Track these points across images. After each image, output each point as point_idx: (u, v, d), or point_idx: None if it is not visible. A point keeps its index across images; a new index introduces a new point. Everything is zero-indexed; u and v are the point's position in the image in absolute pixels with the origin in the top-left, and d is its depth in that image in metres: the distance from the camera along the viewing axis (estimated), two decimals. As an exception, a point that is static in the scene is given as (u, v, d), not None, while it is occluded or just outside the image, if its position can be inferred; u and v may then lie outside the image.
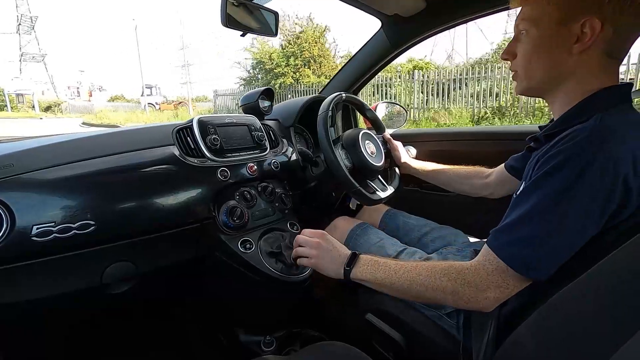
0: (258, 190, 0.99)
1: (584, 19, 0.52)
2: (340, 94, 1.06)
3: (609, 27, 0.52)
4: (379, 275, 0.65)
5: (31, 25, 32.80)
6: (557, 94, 0.61)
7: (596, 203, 0.48)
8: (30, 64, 35.28)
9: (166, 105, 23.59)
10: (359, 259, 0.69)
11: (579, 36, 0.54)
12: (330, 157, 0.93)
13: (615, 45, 0.54)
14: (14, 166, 0.65)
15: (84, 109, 24.19)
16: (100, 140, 0.82)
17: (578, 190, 0.48)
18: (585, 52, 0.54)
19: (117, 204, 0.72)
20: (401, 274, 0.63)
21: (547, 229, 0.50)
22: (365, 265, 0.68)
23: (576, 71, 0.57)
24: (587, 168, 0.48)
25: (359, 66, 1.40)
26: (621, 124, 0.51)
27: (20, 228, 0.61)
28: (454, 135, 1.44)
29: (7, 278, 0.63)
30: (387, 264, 0.66)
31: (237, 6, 0.98)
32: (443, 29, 1.19)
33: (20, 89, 30.93)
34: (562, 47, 0.56)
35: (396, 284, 0.63)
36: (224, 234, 0.87)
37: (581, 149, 0.49)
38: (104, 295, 0.75)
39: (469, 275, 0.56)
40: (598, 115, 0.52)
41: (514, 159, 0.87)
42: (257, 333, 0.99)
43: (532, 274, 0.52)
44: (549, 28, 0.56)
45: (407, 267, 0.63)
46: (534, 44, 0.59)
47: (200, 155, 0.88)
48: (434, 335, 0.73)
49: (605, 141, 0.49)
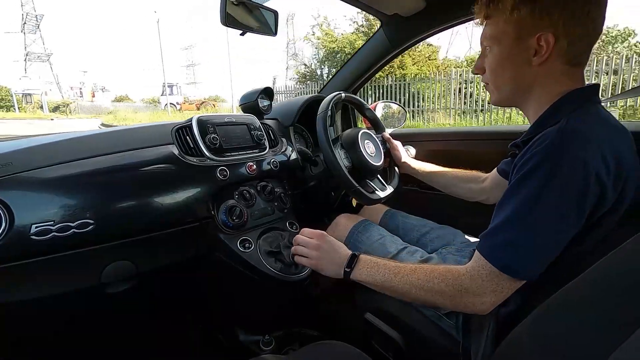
0: (257, 190, 0.99)
1: (538, 34, 0.56)
2: (340, 93, 1.06)
3: (562, 39, 0.56)
4: (378, 278, 0.66)
5: (36, 24, 32.31)
6: (528, 103, 0.64)
7: (570, 203, 0.51)
8: (35, 64, 34.74)
9: (187, 106, 22.77)
10: (359, 261, 0.70)
11: (536, 49, 0.58)
12: (330, 156, 0.93)
13: (573, 53, 0.57)
14: (12, 165, 0.65)
15: (93, 109, 23.62)
16: (100, 138, 0.82)
17: (550, 193, 0.51)
18: (544, 63, 0.58)
19: (116, 202, 0.72)
20: (400, 277, 0.64)
21: (526, 233, 0.53)
22: (365, 267, 0.69)
23: (540, 81, 0.61)
24: (557, 170, 0.51)
25: (359, 66, 1.40)
26: (587, 124, 0.53)
27: (19, 227, 0.61)
28: (453, 135, 1.44)
29: (6, 277, 0.63)
30: (387, 266, 0.67)
31: (237, 5, 0.97)
32: (443, 28, 1.19)
33: (29, 88, 30.30)
34: (523, 61, 0.60)
35: (395, 287, 0.64)
36: (223, 233, 0.87)
37: (550, 152, 0.52)
38: (103, 294, 0.75)
39: (466, 281, 0.57)
40: (565, 118, 0.55)
41: (504, 163, 0.89)
42: (256, 332, 0.99)
43: (522, 275, 0.54)
44: (508, 44, 0.61)
45: (406, 270, 0.64)
46: (497, 60, 0.63)
47: (200, 154, 0.88)
48: (433, 335, 0.73)
49: (571, 142, 0.51)
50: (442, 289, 0.59)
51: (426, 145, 1.41)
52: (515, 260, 0.54)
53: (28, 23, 31.91)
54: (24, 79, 32.24)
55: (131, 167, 0.76)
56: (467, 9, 1.02)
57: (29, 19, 31.84)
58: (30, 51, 33.80)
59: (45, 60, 34.51)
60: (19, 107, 27.56)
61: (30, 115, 21.98)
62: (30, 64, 34.29)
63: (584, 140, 0.51)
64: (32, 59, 34.18)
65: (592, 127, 0.53)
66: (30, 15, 31.65)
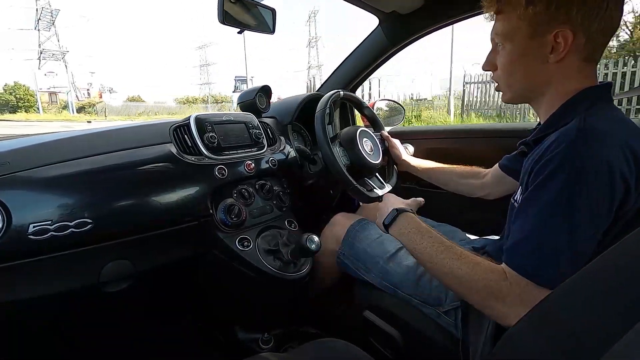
0: (256, 188, 0.98)
1: (556, 30, 0.54)
2: (338, 91, 1.06)
3: (580, 35, 0.54)
4: (419, 247, 0.64)
5: (51, 20, 30.30)
6: (540, 100, 0.62)
7: (601, 204, 0.49)
8: (50, 62, 32.59)
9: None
10: (404, 217, 0.70)
11: (553, 46, 0.55)
12: (328, 154, 0.93)
13: (590, 51, 0.56)
14: (9, 164, 0.65)
15: (123, 109, 21.91)
16: (98, 137, 0.82)
17: (580, 197, 0.49)
18: (561, 60, 0.56)
19: (114, 201, 0.72)
20: (444, 257, 0.61)
21: (559, 239, 0.50)
22: (407, 226, 0.69)
23: (555, 78, 0.58)
24: (581, 172, 0.49)
25: (357, 64, 1.40)
26: (604, 123, 0.52)
27: (16, 226, 0.61)
28: (451, 133, 1.45)
29: (4, 277, 0.63)
30: (433, 238, 0.64)
31: (234, 3, 0.97)
32: (441, 26, 1.19)
33: (55, 86, 28.19)
34: (538, 58, 0.58)
35: (435, 264, 0.61)
36: (222, 232, 0.87)
37: (570, 154, 0.50)
38: (101, 293, 0.74)
39: (504, 290, 0.53)
40: (581, 116, 0.53)
41: (507, 159, 0.89)
42: (255, 331, 0.99)
43: (554, 284, 0.50)
44: (523, 41, 0.58)
45: (452, 253, 0.61)
46: (511, 57, 0.61)
47: (198, 153, 0.87)
48: (432, 332, 0.73)
49: (593, 142, 0.50)
50: (479, 288, 0.55)
51: (424, 143, 1.41)
52: (551, 270, 0.50)
53: (43, 19, 29.81)
54: (50, 74, 30.34)
55: (129, 166, 0.76)
56: (466, 6, 1.02)
57: (44, 15, 29.67)
58: (44, 48, 31.45)
59: (60, 58, 32.28)
60: (42, 108, 25.37)
61: (56, 117, 20.07)
62: (44, 62, 32.25)
63: (605, 139, 0.50)
64: (46, 57, 31.97)
65: (611, 125, 0.52)
66: (45, 10, 29.49)
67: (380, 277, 0.83)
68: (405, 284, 0.79)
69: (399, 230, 0.70)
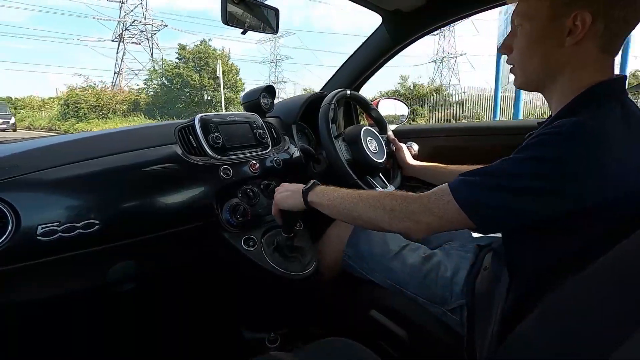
0: (260, 188, 0.99)
1: (575, 12, 0.53)
2: (345, 90, 1.06)
3: (600, 21, 0.53)
4: (331, 197, 0.72)
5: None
6: (553, 89, 0.62)
7: (570, 185, 0.50)
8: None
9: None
10: (316, 185, 0.77)
11: (571, 29, 0.55)
12: (330, 148, 0.93)
13: (607, 39, 0.55)
14: (18, 167, 0.66)
15: None
16: (104, 139, 0.82)
17: (544, 164, 0.51)
18: (577, 45, 0.55)
19: (121, 202, 0.73)
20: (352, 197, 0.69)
21: (508, 184, 0.53)
22: (321, 190, 0.75)
23: (569, 64, 0.58)
24: (569, 160, 0.50)
25: (360, 63, 1.39)
26: (610, 122, 0.52)
27: (25, 228, 0.62)
28: (457, 131, 1.44)
29: (13, 278, 0.64)
30: (343, 190, 0.73)
31: (237, 3, 0.97)
32: (445, 23, 1.19)
33: None
34: (555, 41, 0.57)
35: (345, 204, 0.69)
36: (228, 232, 0.87)
37: (566, 143, 0.51)
38: (108, 294, 0.75)
39: (411, 198, 0.61)
40: (587, 113, 0.53)
41: None
42: (261, 330, 1.00)
43: (474, 218, 0.55)
44: (542, 22, 0.58)
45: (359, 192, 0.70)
46: (528, 38, 0.61)
47: (203, 153, 0.88)
48: (438, 331, 0.73)
49: (592, 142, 0.50)
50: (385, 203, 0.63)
51: (430, 142, 1.40)
52: (479, 201, 0.55)
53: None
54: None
55: (135, 167, 0.77)
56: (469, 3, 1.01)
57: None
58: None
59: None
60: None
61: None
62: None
63: (605, 143, 0.50)
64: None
65: (615, 127, 0.51)
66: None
67: (385, 276, 0.83)
68: (410, 282, 0.79)
69: (315, 193, 0.75)
